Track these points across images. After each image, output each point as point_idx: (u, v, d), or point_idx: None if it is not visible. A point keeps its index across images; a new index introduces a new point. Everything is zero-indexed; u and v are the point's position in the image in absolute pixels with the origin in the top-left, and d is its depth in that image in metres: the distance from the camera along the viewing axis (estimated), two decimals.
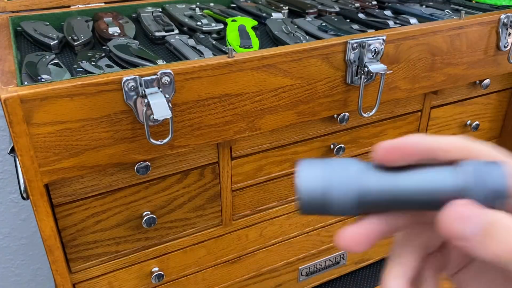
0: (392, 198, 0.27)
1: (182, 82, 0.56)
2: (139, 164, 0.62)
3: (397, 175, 0.27)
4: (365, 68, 0.67)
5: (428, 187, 0.26)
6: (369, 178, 0.27)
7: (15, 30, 0.78)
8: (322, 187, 0.26)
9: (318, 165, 0.27)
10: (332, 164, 0.27)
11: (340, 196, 0.26)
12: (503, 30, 0.80)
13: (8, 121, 0.50)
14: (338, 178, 0.26)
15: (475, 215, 0.24)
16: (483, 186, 0.25)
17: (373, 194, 0.26)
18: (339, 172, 0.27)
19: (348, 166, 0.27)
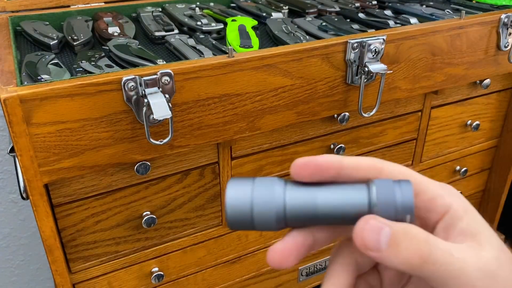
0: (307, 213, 0.29)
1: (182, 82, 0.56)
2: (139, 164, 0.62)
3: (314, 192, 0.29)
4: (365, 68, 0.67)
5: (341, 203, 0.29)
6: (288, 195, 0.29)
7: (15, 30, 0.77)
8: (245, 204, 0.29)
9: (244, 184, 0.29)
10: (257, 183, 0.29)
11: (261, 213, 0.29)
12: (503, 30, 0.80)
13: (7, 121, 0.49)
14: (260, 196, 0.29)
15: (383, 226, 0.26)
16: (393, 203, 0.28)
17: (290, 210, 0.29)
18: (262, 190, 0.29)
19: (271, 185, 0.29)
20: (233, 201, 0.29)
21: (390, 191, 0.28)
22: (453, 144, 0.96)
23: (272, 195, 0.29)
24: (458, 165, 1.00)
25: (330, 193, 0.29)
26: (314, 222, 0.29)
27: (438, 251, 0.26)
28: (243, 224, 0.29)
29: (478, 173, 1.07)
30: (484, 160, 1.05)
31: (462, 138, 0.97)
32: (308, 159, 0.29)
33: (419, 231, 0.27)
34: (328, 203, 0.29)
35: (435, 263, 0.26)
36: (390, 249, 0.26)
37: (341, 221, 0.29)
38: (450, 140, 0.95)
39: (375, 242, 0.26)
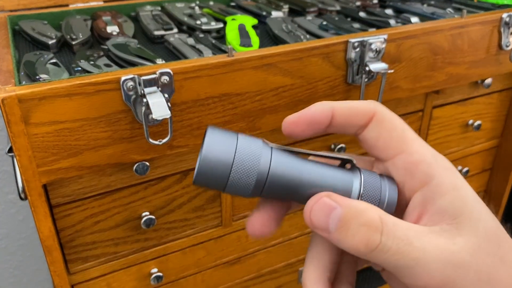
0: (290, 186, 0.27)
1: (182, 81, 0.56)
2: (138, 164, 0.61)
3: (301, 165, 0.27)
4: (366, 67, 0.66)
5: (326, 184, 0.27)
6: (274, 161, 0.27)
7: (13, 29, 0.77)
8: (225, 157, 0.26)
9: (226, 136, 0.26)
10: (241, 139, 0.26)
11: (240, 172, 0.26)
12: (505, 29, 0.79)
13: (6, 121, 0.49)
14: (244, 154, 0.26)
15: (335, 206, 0.25)
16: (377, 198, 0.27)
17: (272, 178, 0.26)
18: (247, 148, 0.26)
19: (257, 146, 0.27)
20: (212, 150, 0.26)
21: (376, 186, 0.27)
22: (455, 144, 0.96)
23: (258, 156, 0.26)
24: (460, 165, 1.00)
25: (317, 171, 0.27)
26: (292, 197, 0.28)
27: (391, 240, 0.24)
28: (213, 179, 0.26)
29: (480, 174, 1.07)
30: (485, 160, 1.05)
31: (464, 138, 0.97)
32: (298, 114, 0.28)
33: (373, 215, 0.25)
34: (313, 180, 0.27)
35: (386, 252, 0.24)
36: (338, 232, 0.25)
37: None
38: (451, 140, 0.95)
39: (323, 223, 0.25)
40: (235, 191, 0.26)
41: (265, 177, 0.26)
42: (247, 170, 0.26)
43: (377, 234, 0.24)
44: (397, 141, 0.28)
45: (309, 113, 0.28)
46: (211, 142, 0.26)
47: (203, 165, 0.26)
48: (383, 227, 0.24)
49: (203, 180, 0.26)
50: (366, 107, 0.28)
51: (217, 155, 0.26)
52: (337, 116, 0.28)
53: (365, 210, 0.25)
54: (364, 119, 0.28)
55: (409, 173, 0.27)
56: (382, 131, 0.28)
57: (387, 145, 0.28)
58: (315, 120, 0.28)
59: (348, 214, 0.25)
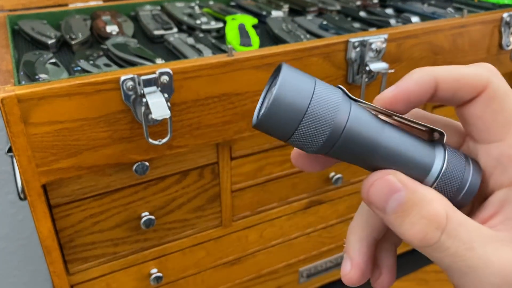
0: (365, 146, 0.24)
1: (181, 81, 0.56)
2: (137, 165, 0.61)
3: (381, 128, 0.24)
4: (366, 67, 0.66)
5: (405, 153, 0.24)
6: (352, 116, 0.23)
7: (13, 29, 0.77)
8: (300, 102, 0.22)
9: (304, 78, 0.23)
10: (319, 84, 0.23)
11: (316, 118, 0.23)
12: (505, 29, 0.79)
13: (5, 121, 0.49)
14: (320, 102, 0.23)
15: (399, 189, 0.23)
16: (456, 185, 0.24)
17: (348, 133, 0.23)
18: (326, 93, 0.23)
19: (337, 94, 0.23)
20: (287, 89, 0.22)
21: (459, 172, 0.24)
22: None
23: (336, 106, 0.23)
24: None
25: (397, 138, 0.24)
26: (362, 162, 0.24)
27: (451, 240, 0.22)
28: (281, 123, 0.22)
29: None
30: None
31: None
32: (396, 90, 0.24)
33: (439, 209, 0.22)
34: (391, 148, 0.24)
35: (442, 252, 0.22)
36: (395, 217, 0.23)
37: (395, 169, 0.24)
38: None
39: (381, 202, 0.23)
40: (302, 142, 0.23)
41: (340, 133, 0.23)
42: (322, 120, 0.22)
43: (438, 231, 0.22)
44: (501, 126, 0.24)
45: (409, 87, 0.24)
46: (286, 80, 0.22)
47: (274, 105, 0.22)
48: (447, 225, 0.22)
49: (270, 122, 0.23)
50: (477, 78, 0.24)
51: (291, 96, 0.22)
52: (442, 89, 0.24)
53: (432, 201, 0.22)
54: (473, 93, 0.24)
55: (501, 166, 0.24)
56: (487, 111, 0.24)
57: (487, 128, 0.24)
58: (415, 97, 0.24)
59: (411, 200, 0.22)
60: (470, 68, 0.24)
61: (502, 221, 0.23)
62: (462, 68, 0.24)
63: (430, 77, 0.24)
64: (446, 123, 0.28)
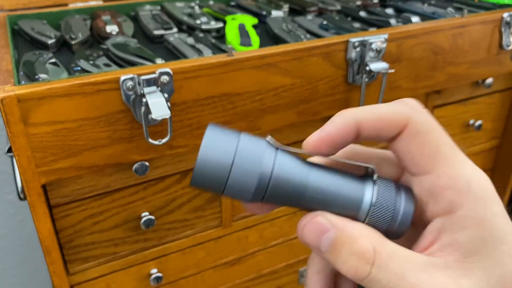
0: (294, 191, 0.25)
1: (181, 81, 0.55)
2: (137, 165, 0.61)
3: (307, 171, 0.25)
4: (366, 67, 0.66)
5: (334, 194, 0.25)
6: (278, 163, 0.24)
7: (13, 29, 0.77)
8: (225, 156, 0.24)
9: (228, 134, 0.24)
10: (243, 138, 0.25)
11: (242, 172, 0.24)
12: (506, 28, 0.79)
13: (5, 121, 0.49)
14: (246, 153, 0.24)
15: (327, 229, 0.24)
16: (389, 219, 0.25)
17: (276, 181, 0.24)
18: (249, 147, 0.24)
19: (260, 145, 0.25)
20: (210, 149, 0.24)
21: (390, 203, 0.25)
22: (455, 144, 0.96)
23: (261, 157, 0.24)
24: None
25: (325, 179, 0.25)
26: (295, 204, 0.26)
27: (382, 272, 0.23)
28: (212, 180, 0.24)
29: None
30: (486, 160, 1.04)
31: (464, 138, 0.96)
32: (318, 135, 0.25)
33: (366, 245, 0.23)
34: (320, 189, 0.25)
35: (376, 283, 0.23)
36: (329, 254, 0.24)
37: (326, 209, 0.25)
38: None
39: (314, 242, 0.24)
40: (235, 195, 0.25)
41: (267, 182, 0.24)
42: (248, 173, 0.24)
43: (367, 265, 0.23)
44: (428, 159, 0.25)
45: (332, 132, 0.25)
46: (210, 141, 0.24)
47: (200, 166, 0.24)
48: (375, 258, 0.23)
49: (201, 181, 0.24)
50: (397, 116, 0.25)
51: (215, 155, 0.24)
52: (364, 130, 0.25)
53: (358, 238, 0.24)
54: (395, 131, 0.25)
55: (433, 197, 0.25)
56: (412, 146, 0.25)
57: (416, 162, 0.25)
58: (339, 139, 0.25)
59: (340, 239, 0.24)
60: (390, 106, 0.25)
61: (439, 248, 0.24)
62: (382, 108, 0.25)
63: (351, 120, 0.25)
64: (384, 156, 0.29)
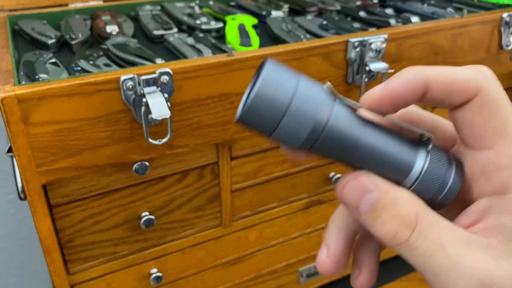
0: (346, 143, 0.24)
1: (181, 81, 0.56)
2: (137, 165, 0.61)
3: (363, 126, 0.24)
4: (366, 67, 0.66)
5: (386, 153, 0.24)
6: (335, 113, 0.23)
7: (13, 29, 0.77)
8: (282, 97, 0.22)
9: (288, 75, 0.23)
10: (303, 79, 0.23)
11: (298, 113, 0.23)
12: (505, 29, 0.79)
13: (5, 121, 0.49)
14: (306, 94, 0.23)
15: (371, 189, 0.23)
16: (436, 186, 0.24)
17: (330, 129, 0.23)
18: (309, 89, 0.23)
19: (320, 91, 0.23)
20: (269, 84, 0.22)
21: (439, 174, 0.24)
22: None
23: (318, 105, 0.23)
24: None
25: (379, 138, 0.24)
26: (343, 160, 0.25)
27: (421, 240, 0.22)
28: (264, 118, 0.23)
29: None
30: None
31: None
32: (383, 90, 0.24)
33: (409, 210, 0.22)
34: (372, 147, 0.24)
35: (413, 250, 0.22)
36: (367, 215, 0.23)
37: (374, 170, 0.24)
38: None
39: (354, 202, 0.23)
40: (284, 138, 0.23)
41: (321, 131, 0.23)
42: (303, 119, 0.23)
43: (408, 230, 0.22)
44: (491, 134, 0.23)
45: (396, 89, 0.24)
46: (269, 76, 0.22)
47: (255, 100, 0.22)
48: (417, 225, 0.22)
49: (252, 117, 0.23)
50: (470, 83, 0.23)
51: (273, 92, 0.22)
52: (432, 92, 0.24)
53: (402, 202, 0.23)
54: (464, 97, 0.24)
55: (486, 174, 0.24)
56: (478, 117, 0.24)
57: (476, 135, 0.24)
58: (403, 98, 0.24)
59: (382, 201, 0.23)
60: (464, 71, 0.24)
61: (483, 228, 0.23)
62: (455, 71, 0.24)
63: (420, 79, 0.24)
64: (439, 123, 0.28)
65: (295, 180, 0.77)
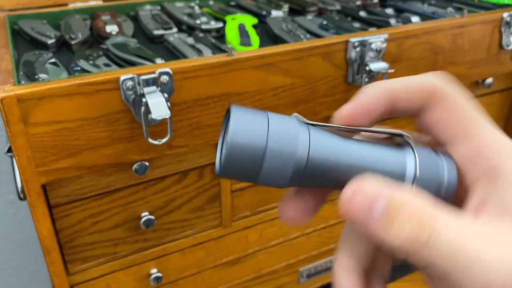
0: (332, 172, 0.23)
1: (181, 81, 0.55)
2: (137, 165, 0.61)
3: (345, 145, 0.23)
4: (366, 67, 0.66)
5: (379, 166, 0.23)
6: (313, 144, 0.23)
7: (13, 29, 0.77)
8: (258, 139, 0.21)
9: (255, 114, 0.22)
10: (272, 117, 0.23)
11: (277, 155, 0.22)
12: (505, 28, 0.79)
13: (5, 121, 0.49)
14: (277, 137, 0.22)
15: (378, 196, 0.21)
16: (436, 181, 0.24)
17: (312, 163, 0.22)
18: (281, 126, 0.22)
19: (292, 123, 0.23)
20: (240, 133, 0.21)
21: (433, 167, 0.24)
22: None
23: (295, 138, 0.22)
24: None
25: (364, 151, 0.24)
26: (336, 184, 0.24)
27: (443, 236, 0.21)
28: (243, 169, 0.22)
29: None
30: None
31: None
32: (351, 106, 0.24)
33: (424, 205, 0.21)
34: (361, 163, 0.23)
35: (437, 250, 0.20)
36: (380, 226, 0.21)
37: None
38: None
39: (363, 215, 0.22)
40: (270, 181, 0.23)
41: (305, 163, 0.22)
42: (284, 155, 0.22)
43: (427, 230, 0.21)
44: (459, 124, 0.24)
45: (365, 101, 0.24)
46: (238, 124, 0.21)
47: (231, 153, 0.21)
48: (436, 221, 0.21)
49: (232, 169, 0.22)
50: (428, 84, 0.25)
51: (247, 139, 0.21)
52: (398, 100, 0.25)
53: (413, 201, 0.21)
54: (428, 98, 0.25)
55: (470, 161, 0.24)
56: (445, 113, 0.25)
57: (446, 128, 0.25)
58: (374, 110, 0.25)
59: (394, 204, 0.21)
60: (419, 76, 0.25)
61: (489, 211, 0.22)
62: (411, 77, 0.25)
63: (385, 90, 0.25)
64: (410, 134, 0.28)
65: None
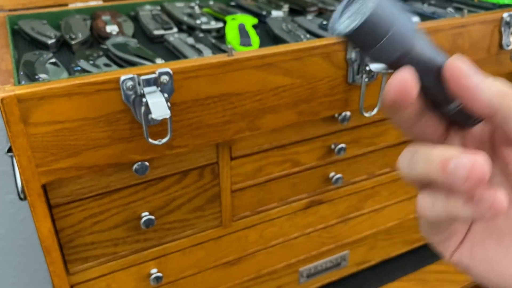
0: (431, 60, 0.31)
1: (181, 81, 0.56)
2: (137, 165, 0.61)
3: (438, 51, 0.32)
4: (366, 67, 0.66)
5: None
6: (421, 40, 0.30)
7: (13, 29, 0.77)
8: (393, 14, 0.28)
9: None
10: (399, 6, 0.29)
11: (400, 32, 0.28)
12: (505, 29, 0.79)
13: (5, 121, 0.49)
14: (404, 17, 0.28)
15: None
16: None
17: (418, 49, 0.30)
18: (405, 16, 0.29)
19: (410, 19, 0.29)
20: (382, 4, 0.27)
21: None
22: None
23: (413, 24, 0.29)
24: None
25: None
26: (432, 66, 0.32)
27: None
28: (373, 32, 0.27)
29: None
30: None
31: None
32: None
33: None
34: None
35: None
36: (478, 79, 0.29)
37: None
38: None
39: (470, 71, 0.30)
40: (387, 49, 0.28)
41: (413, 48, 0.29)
42: (406, 31, 0.28)
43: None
44: None
45: None
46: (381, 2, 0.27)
47: (374, 13, 0.27)
48: None
49: (360, 35, 0.27)
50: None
51: (384, 14, 0.27)
52: None
53: None
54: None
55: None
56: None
57: None
58: None
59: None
60: None
61: None
62: None
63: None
64: None
65: (295, 180, 0.77)
